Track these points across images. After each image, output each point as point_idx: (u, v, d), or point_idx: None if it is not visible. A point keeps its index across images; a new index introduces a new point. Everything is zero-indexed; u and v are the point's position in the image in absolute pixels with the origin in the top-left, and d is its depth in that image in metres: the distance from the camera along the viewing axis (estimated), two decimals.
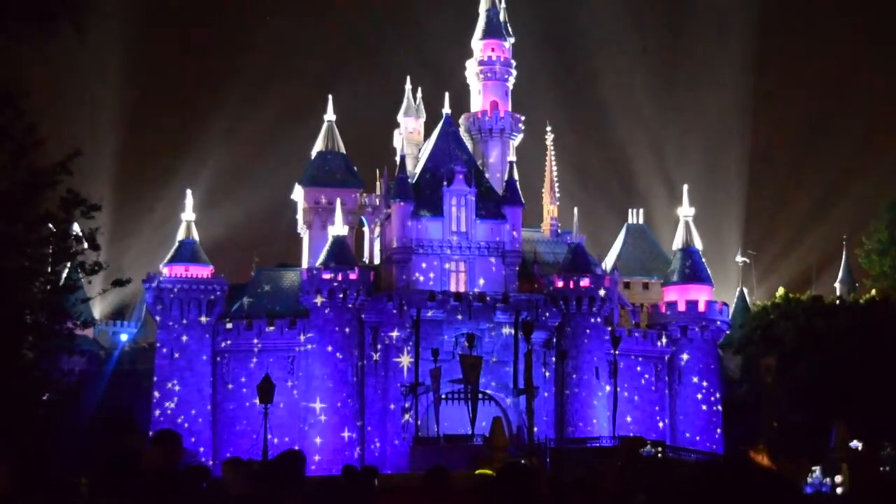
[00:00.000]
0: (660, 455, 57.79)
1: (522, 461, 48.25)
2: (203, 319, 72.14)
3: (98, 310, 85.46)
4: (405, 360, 69.13)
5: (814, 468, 53.41)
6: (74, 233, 29.56)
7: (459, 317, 69.69)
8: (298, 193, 79.95)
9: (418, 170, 77.11)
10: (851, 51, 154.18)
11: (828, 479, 52.77)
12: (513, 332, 68.52)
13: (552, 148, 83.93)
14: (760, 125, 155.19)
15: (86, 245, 29.65)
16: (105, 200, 31.68)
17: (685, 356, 75.72)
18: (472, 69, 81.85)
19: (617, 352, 69.95)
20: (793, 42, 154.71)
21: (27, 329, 29.80)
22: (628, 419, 72.53)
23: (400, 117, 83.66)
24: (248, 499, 8.90)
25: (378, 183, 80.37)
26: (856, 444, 58.03)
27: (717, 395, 75.70)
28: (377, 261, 77.51)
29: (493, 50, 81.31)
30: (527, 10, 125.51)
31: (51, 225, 28.80)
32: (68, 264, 30.55)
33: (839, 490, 50.87)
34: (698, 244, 78.70)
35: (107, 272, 33.07)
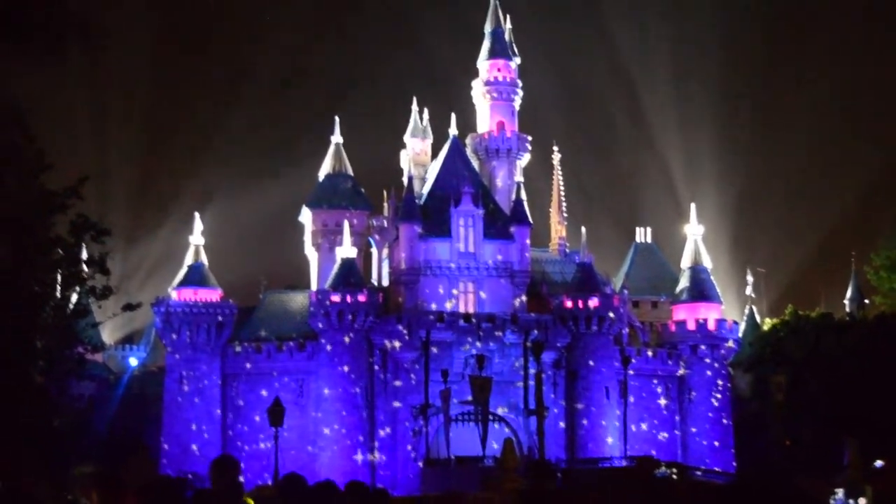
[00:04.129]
0: (674, 476, 57.45)
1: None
2: (212, 343, 72.03)
3: (108, 334, 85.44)
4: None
5: (836, 490, 52.91)
6: (84, 257, 29.54)
7: (469, 338, 69.60)
8: (306, 215, 79.96)
9: (426, 191, 77.14)
10: (861, 64, 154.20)
11: (851, 501, 52.28)
12: (522, 352, 68.41)
13: (559, 167, 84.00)
14: (768, 141, 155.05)
15: (95, 270, 29.61)
16: (114, 225, 31.69)
17: (695, 375, 75.50)
18: (478, 89, 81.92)
19: (627, 371, 69.76)
20: (801, 55, 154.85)
21: (37, 354, 29.76)
22: (639, 438, 72.28)
23: (407, 138, 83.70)
24: None
25: (385, 204, 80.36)
26: (880, 463, 57.56)
27: (728, 413, 75.45)
28: (386, 282, 77.43)
29: (499, 70, 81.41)
30: (532, 30, 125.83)
31: (60, 249, 28.77)
32: (78, 289, 30.47)
33: None
34: (707, 262, 78.59)
35: (116, 296, 33.02)
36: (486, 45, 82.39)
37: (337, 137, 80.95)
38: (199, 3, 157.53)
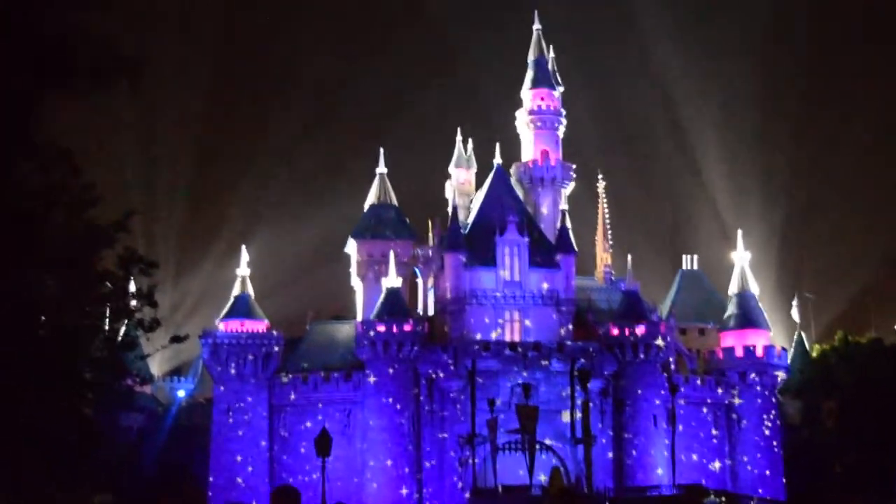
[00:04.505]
0: None
1: None
2: (259, 374, 72.34)
3: (156, 366, 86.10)
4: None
5: None
6: (132, 290, 29.79)
7: (515, 367, 69.47)
8: (352, 246, 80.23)
9: (470, 220, 77.27)
10: None
11: None
12: (569, 381, 68.18)
13: (604, 195, 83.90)
14: (814, 166, 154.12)
15: (143, 302, 29.84)
16: (161, 257, 32.06)
17: (744, 402, 74.87)
18: (522, 119, 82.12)
19: (675, 399, 69.28)
20: (845, 73, 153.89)
21: (86, 386, 29.99)
22: (687, 466, 71.70)
23: (451, 168, 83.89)
24: None
25: (430, 234, 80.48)
26: None
27: (778, 441, 74.71)
28: (431, 312, 77.47)
29: (542, 99, 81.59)
30: (576, 58, 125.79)
31: (108, 283, 29.03)
32: (126, 321, 30.72)
33: None
34: (754, 288, 78.10)
35: (164, 328, 33.26)
36: (529, 74, 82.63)
37: (381, 168, 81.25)
38: (245, 39, 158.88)
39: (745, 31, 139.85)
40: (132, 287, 30.28)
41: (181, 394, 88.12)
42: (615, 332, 71.47)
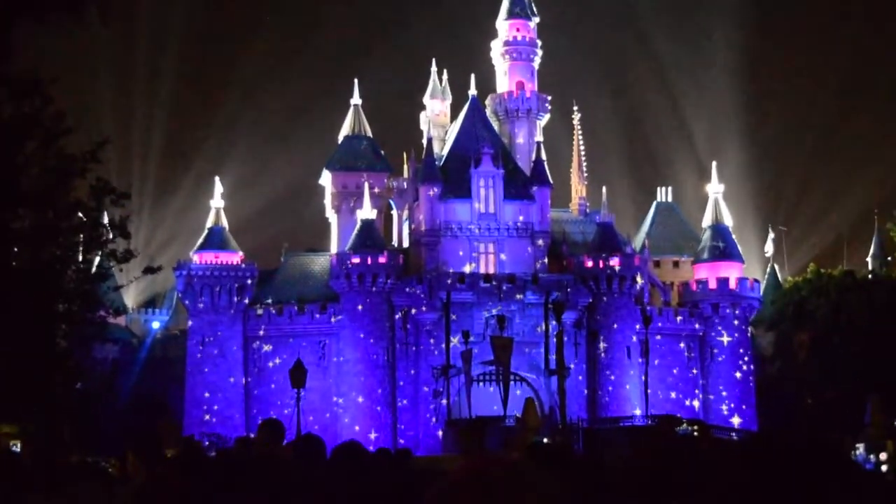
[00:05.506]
0: (695, 433, 57.51)
1: (545, 440, 48.23)
2: (233, 305, 72.31)
3: (130, 298, 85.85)
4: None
5: (857, 445, 52.94)
6: (105, 221, 29.57)
7: (489, 299, 69.59)
8: (326, 178, 79.94)
9: (445, 152, 77.00)
10: (886, 17, 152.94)
11: (872, 457, 52.31)
12: (543, 312, 68.42)
13: (579, 127, 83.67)
14: (789, 99, 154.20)
15: (116, 233, 29.63)
16: (135, 188, 31.81)
17: (717, 334, 75.31)
18: (497, 50, 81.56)
19: (648, 331, 69.60)
20: (824, 13, 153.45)
21: (60, 318, 29.86)
22: (661, 398, 72.20)
23: (426, 99, 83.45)
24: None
25: (405, 166, 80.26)
26: None
27: (751, 373, 75.27)
28: (406, 244, 77.46)
29: (518, 30, 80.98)
30: None
31: (81, 214, 28.78)
32: (99, 253, 30.51)
33: (884, 468, 50.40)
34: (728, 221, 78.30)
35: (137, 260, 33.08)
36: (504, 4, 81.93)
37: (356, 99, 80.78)
38: None
39: None
40: (105, 218, 30.06)
41: (155, 325, 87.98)
42: (589, 263, 71.64)
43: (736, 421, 72.51)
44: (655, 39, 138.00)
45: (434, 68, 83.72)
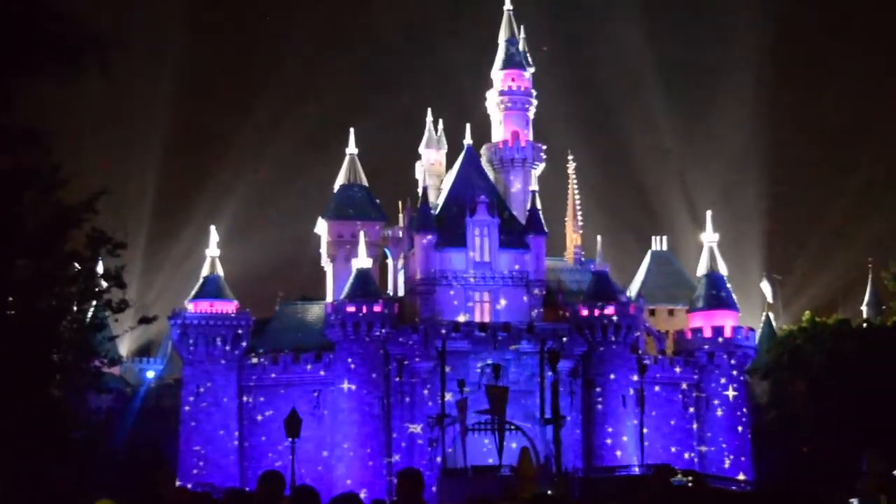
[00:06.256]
0: (690, 484, 57.31)
1: (549, 492, 48.03)
2: (228, 354, 72.11)
3: (125, 347, 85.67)
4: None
5: (851, 501, 52.64)
6: (101, 271, 29.65)
7: (485, 347, 69.55)
8: (322, 227, 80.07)
9: (441, 201, 77.17)
10: (875, 66, 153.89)
11: None
12: (538, 361, 68.32)
13: (574, 176, 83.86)
14: (783, 148, 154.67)
15: (112, 283, 29.71)
16: (130, 238, 31.81)
17: (712, 383, 75.19)
18: (492, 100, 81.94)
19: (644, 380, 69.51)
20: (813, 61, 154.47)
21: (55, 367, 29.85)
22: (656, 447, 71.95)
23: (421, 149, 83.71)
24: None
25: (401, 215, 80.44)
26: None
27: (746, 422, 75.08)
28: (401, 293, 77.46)
29: (513, 80, 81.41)
30: (547, 39, 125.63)
31: (77, 264, 28.86)
32: (94, 302, 30.55)
33: None
34: (723, 270, 78.38)
35: (133, 309, 33.14)
36: (500, 55, 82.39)
37: (352, 149, 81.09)
38: (214, 19, 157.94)
39: (721, 14, 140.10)
40: (100, 268, 30.13)
41: (150, 375, 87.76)
42: (584, 312, 71.65)
43: (730, 470, 72.26)
44: (651, 89, 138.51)
45: (430, 118, 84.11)
